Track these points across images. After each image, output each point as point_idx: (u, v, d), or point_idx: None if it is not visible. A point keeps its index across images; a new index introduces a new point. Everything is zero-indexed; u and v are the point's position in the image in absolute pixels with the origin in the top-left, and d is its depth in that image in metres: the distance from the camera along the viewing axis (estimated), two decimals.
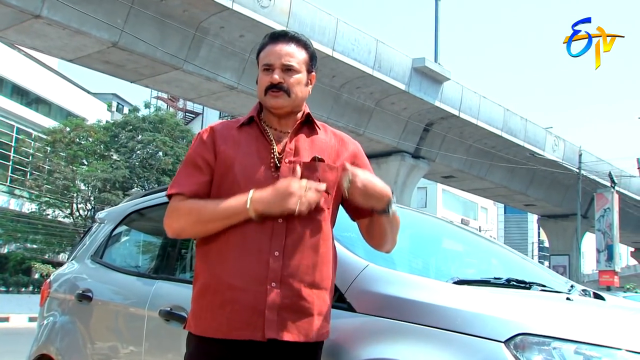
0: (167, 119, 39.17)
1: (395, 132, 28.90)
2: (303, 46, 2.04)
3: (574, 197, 37.26)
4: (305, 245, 1.87)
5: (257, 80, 2.06)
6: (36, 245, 34.75)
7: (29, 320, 22.79)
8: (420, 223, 3.06)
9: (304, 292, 1.84)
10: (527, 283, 2.21)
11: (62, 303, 3.37)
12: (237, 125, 2.01)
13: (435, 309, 1.77)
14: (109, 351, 2.90)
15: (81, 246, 3.71)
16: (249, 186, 1.86)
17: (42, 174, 36.35)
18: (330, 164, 2.00)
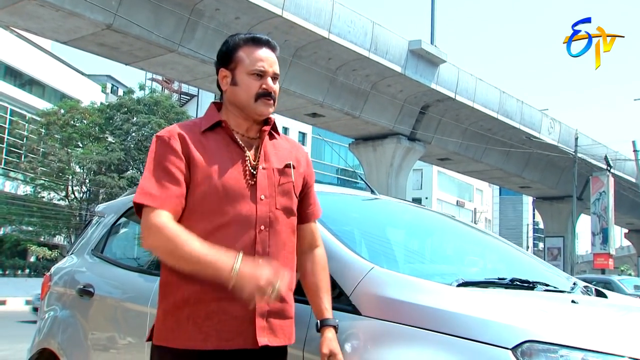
0: (162, 101, 39.02)
1: (391, 114, 28.83)
2: (277, 54, 2.00)
3: (570, 179, 37.35)
4: (285, 250, 1.90)
5: (231, 82, 1.94)
6: (32, 228, 34.71)
7: (26, 303, 22.84)
8: (421, 218, 3.05)
9: (286, 296, 1.88)
10: (531, 283, 2.21)
11: (63, 297, 3.36)
12: (200, 130, 1.91)
13: (440, 313, 1.77)
14: (111, 347, 2.89)
15: (81, 240, 3.70)
16: (226, 196, 1.82)
17: (37, 157, 36.23)
18: (297, 170, 2.00)
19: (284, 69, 23.80)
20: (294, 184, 1.96)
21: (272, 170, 1.93)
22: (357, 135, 30.94)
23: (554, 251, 45.03)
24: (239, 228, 1.83)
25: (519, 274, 2.77)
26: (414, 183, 57.69)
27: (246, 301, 1.70)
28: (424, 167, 55.89)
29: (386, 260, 2.39)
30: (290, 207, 1.94)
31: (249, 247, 1.82)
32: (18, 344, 10.82)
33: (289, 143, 2.07)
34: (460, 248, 3.01)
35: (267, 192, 1.89)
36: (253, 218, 1.85)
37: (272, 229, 1.87)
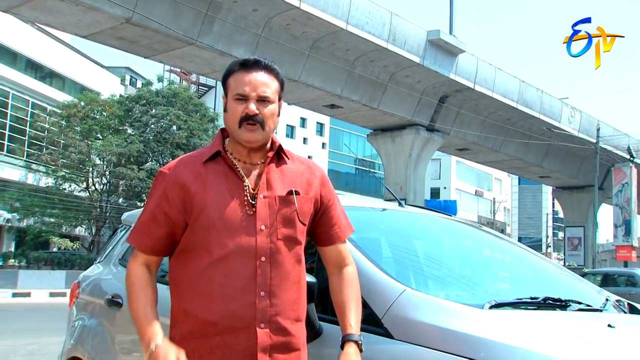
0: (181, 92, 39.14)
1: (409, 105, 28.71)
2: (275, 75, 1.94)
3: (590, 168, 36.96)
4: (289, 281, 1.85)
5: (224, 108, 1.94)
6: (53, 219, 35.11)
7: (50, 295, 23.20)
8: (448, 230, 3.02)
9: (290, 328, 1.84)
10: (564, 301, 2.19)
11: (91, 306, 3.40)
12: (202, 160, 1.90)
13: (474, 340, 1.75)
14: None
15: (107, 249, 3.73)
16: (224, 228, 1.81)
17: (58, 149, 36.59)
18: (305, 195, 1.93)
19: (301, 60, 23.82)
20: (297, 211, 1.89)
21: (274, 199, 1.87)
22: (375, 126, 30.86)
23: (574, 241, 44.70)
24: (239, 260, 1.80)
25: (550, 289, 2.74)
26: (432, 173, 57.48)
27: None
28: (442, 157, 55.66)
29: (415, 279, 2.38)
30: (293, 236, 1.88)
31: (249, 279, 1.80)
32: (44, 337, 10.99)
33: (302, 165, 1.99)
34: (490, 262, 2.98)
35: (267, 222, 1.84)
36: (253, 249, 1.81)
37: (274, 259, 1.83)
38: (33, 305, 19.15)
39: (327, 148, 54.79)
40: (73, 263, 29.30)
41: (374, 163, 58.44)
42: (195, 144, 38.42)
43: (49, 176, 36.86)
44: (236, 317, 1.79)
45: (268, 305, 1.81)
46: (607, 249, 56.54)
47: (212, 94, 53.38)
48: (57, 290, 23.85)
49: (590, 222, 40.51)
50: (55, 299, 22.57)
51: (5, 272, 25.45)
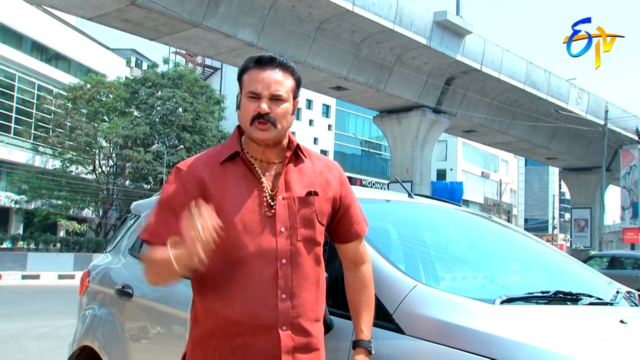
0: (186, 74, 39.09)
1: (416, 87, 28.56)
2: (290, 73, 1.90)
3: (597, 150, 36.78)
4: (309, 282, 1.85)
5: (238, 105, 1.91)
6: (61, 202, 35.27)
7: (59, 277, 23.38)
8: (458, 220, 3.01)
9: (311, 329, 1.84)
10: (575, 295, 2.19)
11: (102, 296, 3.42)
12: (219, 161, 1.88)
13: (485, 337, 1.74)
14: (151, 352, 2.93)
15: (117, 238, 3.74)
16: (244, 230, 1.79)
17: (64, 131, 36.66)
18: (324, 195, 1.91)
19: (307, 42, 23.68)
20: (317, 212, 1.88)
21: (293, 200, 1.85)
22: (381, 108, 30.74)
23: (580, 223, 44.62)
24: (259, 262, 1.79)
25: (561, 282, 2.74)
26: (439, 154, 57.34)
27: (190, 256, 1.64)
28: (448, 138, 55.48)
29: (426, 273, 2.37)
30: (312, 237, 1.87)
31: (270, 282, 1.79)
32: (54, 320, 11.09)
33: (320, 163, 1.97)
34: (500, 254, 2.98)
35: (287, 224, 1.83)
36: (273, 252, 1.80)
37: (294, 261, 1.82)
38: (42, 288, 19.32)
39: (333, 130, 54.66)
40: (81, 246, 29.47)
41: (380, 145, 58.32)
42: (201, 126, 38.43)
43: (56, 158, 36.98)
44: (258, 318, 1.78)
45: (289, 307, 1.80)
46: (614, 230, 56.51)
47: (218, 76, 53.23)
48: (65, 273, 24.03)
49: (597, 204, 40.39)
50: (63, 281, 22.75)
51: (15, 254, 25.64)
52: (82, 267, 25.95)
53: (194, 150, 38.21)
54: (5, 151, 36.14)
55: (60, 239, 30.28)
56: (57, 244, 29.22)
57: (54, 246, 29.15)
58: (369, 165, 58.60)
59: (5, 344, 8.50)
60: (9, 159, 36.33)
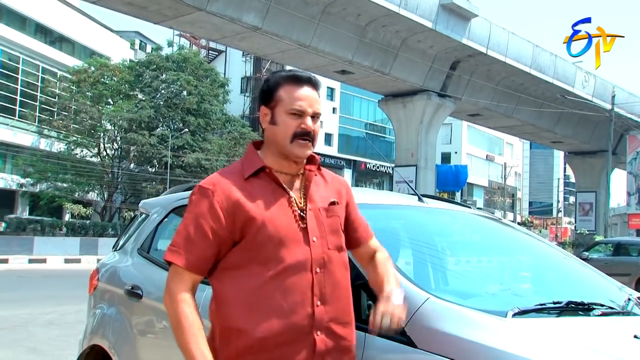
0: (191, 57, 38.95)
1: (421, 71, 28.42)
2: (318, 91, 1.96)
3: (603, 133, 36.63)
4: (341, 288, 1.90)
5: (270, 121, 1.91)
6: (66, 185, 35.36)
7: (65, 261, 23.51)
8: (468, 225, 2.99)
9: (343, 332, 1.89)
10: (587, 304, 2.18)
11: (111, 295, 3.43)
12: (244, 177, 1.89)
13: (498, 354, 1.75)
14: (160, 354, 2.95)
15: (126, 236, 3.75)
16: (280, 243, 1.82)
17: (69, 114, 36.65)
18: (340, 205, 1.99)
19: (312, 26, 23.53)
20: (340, 220, 1.96)
21: (319, 210, 1.91)
22: (386, 91, 30.63)
23: (585, 206, 44.56)
24: (296, 273, 1.83)
25: (571, 287, 2.74)
26: (443, 137, 57.18)
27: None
28: (453, 122, 55.28)
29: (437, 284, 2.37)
30: (340, 244, 1.94)
31: (306, 290, 1.84)
32: (61, 305, 11.17)
33: (329, 175, 2.05)
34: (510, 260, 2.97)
35: (317, 234, 1.88)
36: (309, 261, 1.85)
37: (327, 269, 1.88)
38: (49, 272, 19.43)
39: (337, 113, 54.47)
40: (87, 230, 29.60)
41: (384, 127, 58.15)
42: (205, 109, 38.37)
43: (61, 141, 37.02)
44: (297, 329, 1.82)
45: (324, 313, 1.85)
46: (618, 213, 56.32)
47: (222, 59, 52.99)
48: (71, 257, 24.17)
49: (603, 188, 40.30)
50: (70, 265, 22.89)
51: (21, 238, 25.77)
52: (88, 251, 26.12)
53: (198, 133, 38.19)
54: (10, 134, 36.19)
55: (66, 223, 30.39)
56: (63, 229, 29.33)
57: (60, 230, 29.27)
58: (374, 148, 58.50)
59: (14, 330, 8.57)
60: (14, 141, 36.40)
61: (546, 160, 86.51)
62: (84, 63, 38.12)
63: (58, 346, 7.51)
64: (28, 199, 37.95)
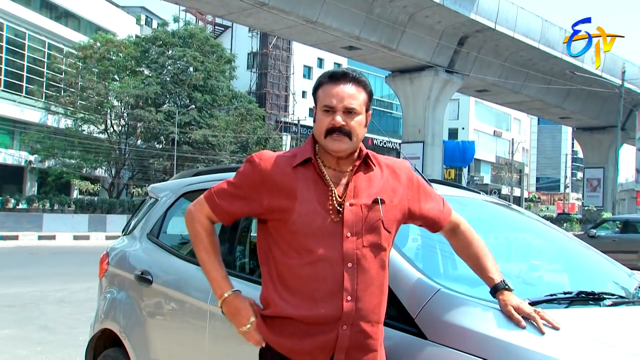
0: (197, 33, 38.73)
1: (428, 46, 28.19)
2: (363, 87, 1.99)
3: (612, 109, 36.34)
4: (374, 286, 1.91)
5: (314, 119, 2.01)
6: (74, 161, 35.47)
7: (74, 238, 23.68)
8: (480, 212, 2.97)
9: (370, 330, 1.90)
10: (597, 294, 2.18)
11: (122, 280, 3.45)
12: (292, 164, 1.96)
13: (509, 347, 1.74)
14: (171, 340, 2.97)
15: (135, 220, 3.76)
16: (311, 234, 1.88)
17: (76, 90, 36.62)
18: (390, 203, 1.98)
19: (319, 2, 23.31)
20: (382, 220, 1.94)
21: (360, 207, 1.92)
22: (393, 67, 30.44)
23: (593, 182, 44.44)
24: (326, 265, 1.87)
25: (581, 275, 2.74)
26: (451, 113, 56.89)
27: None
28: (460, 97, 54.95)
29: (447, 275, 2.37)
30: (379, 243, 1.94)
31: (337, 284, 1.87)
32: (71, 283, 11.28)
33: (387, 169, 2.04)
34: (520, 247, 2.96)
35: (353, 230, 1.90)
36: (340, 256, 1.87)
37: (360, 266, 1.89)
38: (58, 249, 19.58)
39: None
40: (95, 207, 29.75)
41: (391, 103, 57.89)
42: (212, 85, 38.26)
43: (68, 118, 37.04)
44: (323, 318, 1.87)
45: (353, 309, 1.87)
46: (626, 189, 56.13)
47: (229, 34, 52.68)
48: (80, 234, 24.34)
49: (611, 164, 40.10)
50: (79, 242, 23.06)
51: (30, 215, 25.93)
52: (97, 228, 26.30)
53: (205, 109, 38.13)
54: (17, 110, 36.23)
55: (75, 200, 30.54)
56: (72, 205, 29.47)
57: (69, 207, 29.42)
58: (381, 124, 58.30)
59: (26, 308, 8.67)
60: (21, 118, 36.46)
61: (554, 136, 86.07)
62: (89, 39, 37.96)
63: (69, 324, 7.59)
64: (36, 175, 38.10)
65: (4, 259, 15.55)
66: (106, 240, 23.68)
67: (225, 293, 2.00)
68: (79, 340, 6.54)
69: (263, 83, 50.71)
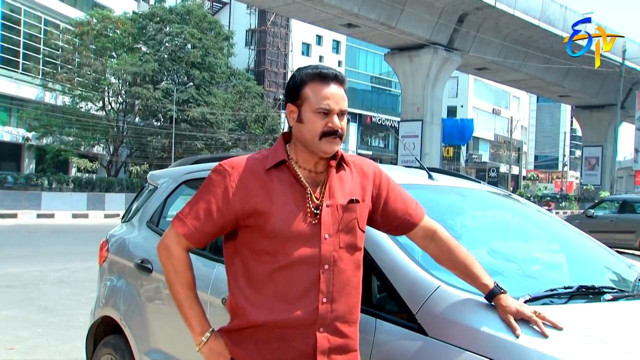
0: (195, 10, 38.38)
1: (428, 24, 27.98)
2: (345, 87, 1.94)
3: (612, 87, 36.22)
4: (349, 287, 1.90)
5: (297, 119, 1.91)
6: (71, 138, 35.34)
7: (72, 217, 23.69)
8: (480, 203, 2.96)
9: (348, 331, 1.89)
10: (597, 288, 2.18)
11: (120, 267, 3.44)
12: (265, 167, 1.90)
13: (509, 345, 1.75)
14: (171, 329, 2.97)
15: (134, 207, 3.75)
16: (290, 238, 1.84)
17: (73, 67, 36.37)
18: (362, 202, 1.96)
19: None
20: (358, 219, 1.93)
21: (336, 207, 1.90)
22: (392, 45, 30.24)
23: (591, 161, 44.47)
24: (303, 268, 1.84)
25: (581, 268, 2.74)
26: (450, 91, 56.66)
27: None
28: (459, 75, 54.67)
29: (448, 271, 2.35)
30: (354, 243, 1.92)
31: (312, 286, 1.84)
32: (70, 262, 11.31)
33: (356, 168, 2.01)
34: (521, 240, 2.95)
35: (330, 231, 1.87)
36: (317, 258, 1.85)
37: (336, 267, 1.87)
38: (57, 227, 19.60)
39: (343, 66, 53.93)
40: (94, 185, 29.73)
41: (390, 81, 57.65)
42: (210, 62, 38.02)
43: (65, 95, 36.85)
44: (298, 321, 1.84)
45: (329, 311, 1.85)
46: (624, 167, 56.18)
47: (227, 11, 52.24)
48: (79, 212, 24.36)
49: (610, 142, 40.07)
50: (77, 220, 23.09)
51: (29, 193, 25.91)
52: (95, 206, 26.30)
53: (203, 87, 37.94)
54: (14, 87, 36.01)
55: (73, 179, 30.50)
56: (70, 184, 29.44)
57: (67, 185, 29.39)
58: (379, 101, 58.11)
59: (26, 288, 8.70)
60: (18, 94, 36.25)
61: (553, 114, 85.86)
62: (86, 15, 37.61)
63: (69, 305, 7.63)
64: (34, 153, 38.00)
65: (3, 238, 15.58)
66: (105, 219, 23.72)
67: (207, 332, 1.93)
68: (79, 322, 6.58)
69: (261, 60, 50.39)
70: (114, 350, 3.36)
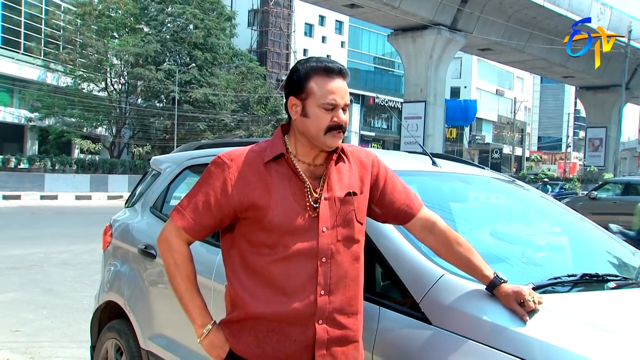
0: None
1: (431, 4, 27.77)
2: (347, 80, 1.93)
3: (616, 67, 35.98)
4: (348, 279, 1.90)
5: (300, 112, 1.89)
6: (74, 119, 35.30)
7: (76, 198, 23.75)
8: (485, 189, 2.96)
9: (347, 322, 1.89)
10: (601, 276, 2.18)
11: (124, 252, 3.46)
12: (264, 160, 1.90)
13: (515, 336, 1.74)
14: (175, 314, 2.98)
15: (138, 192, 3.75)
16: (288, 231, 1.84)
17: (75, 48, 36.23)
18: (360, 194, 1.95)
19: None
20: (355, 212, 1.92)
21: (334, 200, 1.89)
22: (395, 26, 30.03)
23: (595, 142, 44.31)
24: (301, 261, 1.84)
25: (584, 255, 2.74)
26: (453, 72, 56.39)
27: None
28: (463, 56, 54.36)
29: None
30: (352, 236, 1.92)
31: (310, 279, 1.85)
32: (74, 244, 11.38)
33: (355, 160, 2.00)
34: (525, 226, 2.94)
35: (328, 224, 1.87)
36: (315, 251, 1.85)
37: (334, 260, 1.87)
38: (60, 209, 19.67)
39: (346, 47, 53.67)
40: (96, 167, 29.75)
41: (393, 62, 57.36)
42: (212, 43, 37.84)
43: (67, 76, 36.73)
44: (296, 313, 1.84)
45: (327, 303, 1.86)
46: (628, 147, 56.01)
47: None
48: (82, 194, 24.42)
49: (614, 123, 39.89)
50: (81, 201, 23.15)
51: (32, 175, 25.97)
52: (98, 188, 26.37)
53: (205, 68, 37.78)
54: (15, 68, 35.90)
55: (76, 160, 30.52)
56: (73, 166, 29.47)
57: (70, 167, 29.43)
58: (382, 82, 57.88)
59: (30, 270, 8.76)
60: (20, 75, 36.15)
61: (557, 95, 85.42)
62: None
63: (74, 287, 7.68)
64: (37, 134, 37.98)
65: (7, 219, 15.65)
66: (108, 200, 23.79)
67: (208, 324, 1.93)
68: (83, 304, 6.62)
69: (264, 41, 50.13)
70: (118, 334, 3.38)
